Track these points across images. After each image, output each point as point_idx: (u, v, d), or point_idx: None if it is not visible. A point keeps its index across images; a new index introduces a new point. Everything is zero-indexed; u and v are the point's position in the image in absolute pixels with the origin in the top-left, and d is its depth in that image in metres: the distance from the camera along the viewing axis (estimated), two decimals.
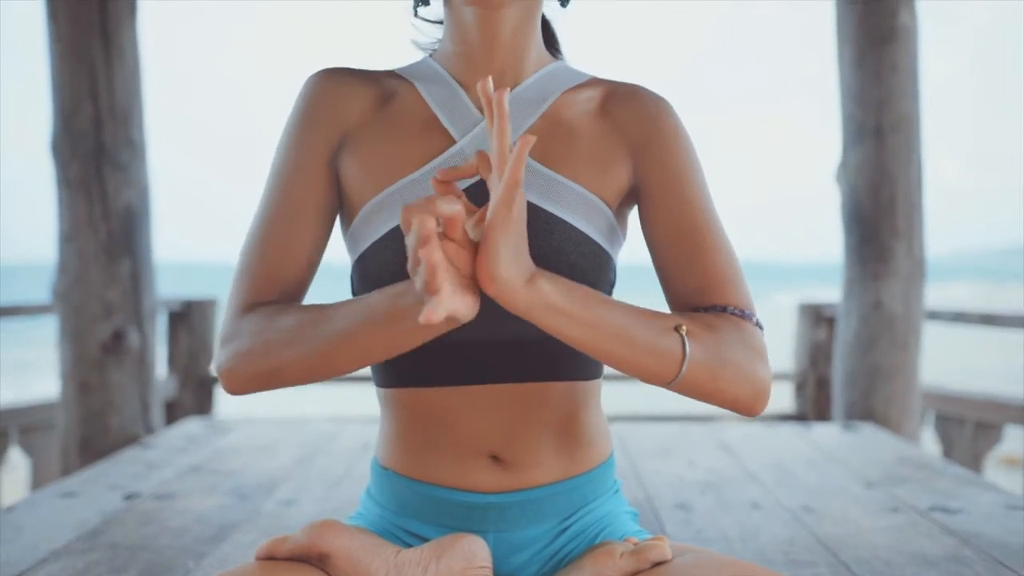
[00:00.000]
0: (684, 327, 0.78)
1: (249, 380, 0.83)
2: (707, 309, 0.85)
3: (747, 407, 0.81)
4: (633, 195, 0.91)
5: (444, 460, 0.90)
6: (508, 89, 0.68)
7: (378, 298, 0.77)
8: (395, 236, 0.85)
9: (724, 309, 0.84)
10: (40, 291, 2.68)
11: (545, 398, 0.88)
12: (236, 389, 0.84)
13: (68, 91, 2.31)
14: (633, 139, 0.90)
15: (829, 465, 1.93)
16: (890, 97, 2.50)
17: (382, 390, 0.93)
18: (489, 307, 0.72)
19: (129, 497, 1.63)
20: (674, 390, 0.79)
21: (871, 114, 2.54)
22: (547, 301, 0.71)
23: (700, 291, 0.85)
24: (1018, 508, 1.57)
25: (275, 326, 0.82)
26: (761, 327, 0.85)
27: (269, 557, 0.83)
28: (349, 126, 0.90)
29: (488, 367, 0.87)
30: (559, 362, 0.88)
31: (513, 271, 0.68)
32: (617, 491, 1.00)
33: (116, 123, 2.34)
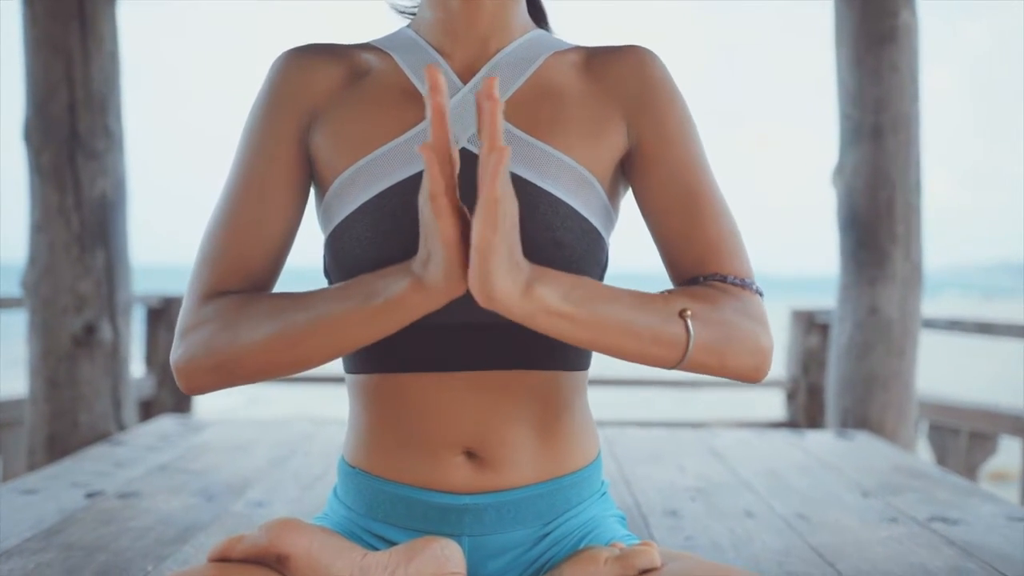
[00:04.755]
0: (688, 311, 0.74)
1: (210, 372, 0.77)
2: (707, 277, 0.81)
3: (750, 377, 0.80)
4: (628, 159, 0.85)
5: (416, 456, 0.83)
6: (497, 79, 0.62)
7: (360, 280, 0.74)
8: (368, 209, 0.79)
9: (724, 279, 0.81)
10: (9, 286, 2.60)
11: (525, 388, 0.82)
12: (195, 384, 0.78)
13: (42, 77, 2.23)
14: (624, 95, 0.85)
15: (823, 473, 1.87)
16: (889, 97, 2.45)
17: (353, 377, 0.87)
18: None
19: (91, 495, 1.55)
20: (680, 370, 0.77)
21: (869, 114, 2.48)
22: (546, 307, 0.69)
23: (700, 261, 0.82)
24: (1020, 519, 1.51)
25: (244, 312, 0.77)
26: (761, 293, 0.82)
27: (223, 558, 0.76)
28: (318, 103, 0.85)
29: (465, 352, 0.81)
30: (541, 349, 0.82)
31: (508, 285, 0.65)
32: (604, 493, 0.94)
33: (92, 111, 2.26)
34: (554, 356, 0.83)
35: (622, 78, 0.85)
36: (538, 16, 0.99)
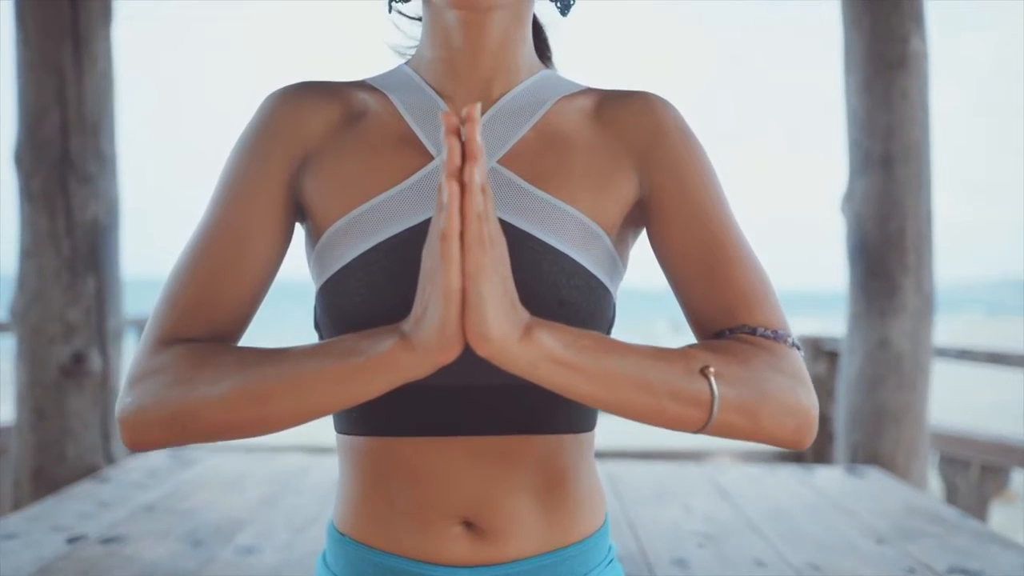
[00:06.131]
0: (711, 368, 0.67)
1: (160, 426, 0.68)
2: (734, 330, 0.73)
3: (792, 442, 0.71)
4: (639, 211, 0.79)
5: (410, 526, 0.77)
6: (479, 104, 0.56)
7: (342, 338, 0.67)
8: (362, 263, 0.73)
9: (754, 331, 0.73)
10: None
11: (528, 454, 0.76)
12: (142, 439, 0.69)
13: (34, 97, 2.18)
14: (636, 145, 0.79)
15: (835, 515, 1.80)
16: (900, 125, 2.39)
17: (344, 439, 0.80)
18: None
19: (73, 540, 1.48)
20: (707, 434, 0.69)
21: (879, 142, 2.43)
22: (548, 353, 0.62)
23: (726, 311, 0.74)
24: None
25: (205, 362, 0.69)
26: (798, 347, 0.74)
27: None
28: (312, 145, 0.78)
29: (464, 415, 0.74)
30: (546, 412, 0.76)
31: (506, 326, 0.59)
32: (612, 560, 0.87)
33: (84, 133, 2.20)
34: (558, 419, 0.77)
35: (633, 126, 0.79)
36: (542, 49, 0.93)
